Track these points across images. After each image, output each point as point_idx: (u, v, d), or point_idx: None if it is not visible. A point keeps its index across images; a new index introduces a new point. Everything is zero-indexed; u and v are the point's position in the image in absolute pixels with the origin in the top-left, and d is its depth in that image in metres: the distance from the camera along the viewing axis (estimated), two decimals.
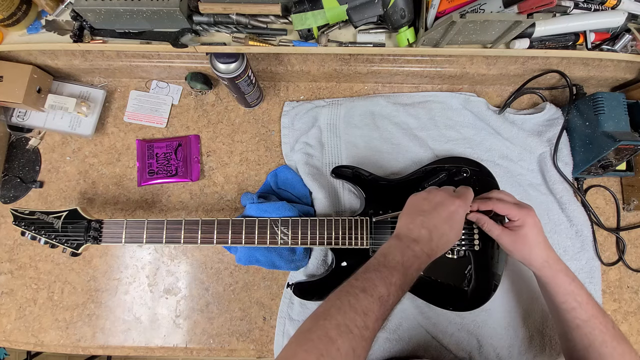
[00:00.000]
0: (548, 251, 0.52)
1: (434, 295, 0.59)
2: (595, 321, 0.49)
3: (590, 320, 0.49)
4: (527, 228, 0.52)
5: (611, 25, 0.60)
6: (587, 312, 0.49)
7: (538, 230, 0.52)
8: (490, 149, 0.70)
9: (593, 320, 0.49)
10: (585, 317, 0.49)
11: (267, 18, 0.57)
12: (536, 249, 0.52)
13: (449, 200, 0.49)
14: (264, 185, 0.69)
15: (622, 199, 0.72)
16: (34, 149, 0.72)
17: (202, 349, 0.66)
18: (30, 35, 0.62)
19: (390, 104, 0.70)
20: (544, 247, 0.52)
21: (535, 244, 0.52)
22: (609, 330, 0.48)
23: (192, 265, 0.68)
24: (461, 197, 0.50)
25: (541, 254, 0.52)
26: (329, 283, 0.60)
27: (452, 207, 0.48)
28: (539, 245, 0.52)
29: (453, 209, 0.48)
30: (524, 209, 0.52)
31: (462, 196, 0.50)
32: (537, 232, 0.52)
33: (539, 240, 0.52)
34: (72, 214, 0.58)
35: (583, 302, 0.50)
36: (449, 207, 0.48)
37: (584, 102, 0.66)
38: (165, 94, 0.73)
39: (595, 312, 0.49)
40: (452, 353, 0.63)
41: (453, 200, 0.49)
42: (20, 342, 0.67)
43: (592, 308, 0.49)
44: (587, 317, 0.49)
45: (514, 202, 0.54)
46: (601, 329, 0.48)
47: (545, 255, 0.52)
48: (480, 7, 0.53)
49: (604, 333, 0.48)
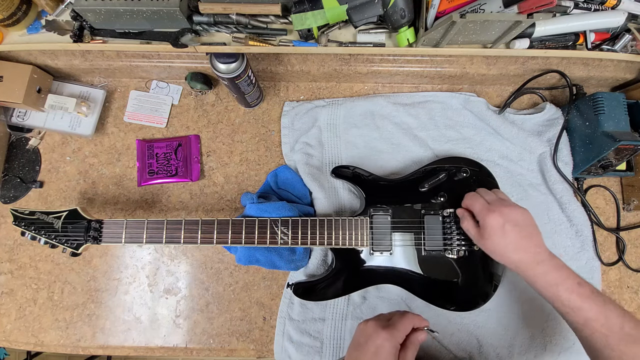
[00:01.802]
0: (519, 254, 0.50)
1: (434, 295, 0.59)
2: (594, 324, 0.45)
3: (588, 324, 0.46)
4: (490, 230, 0.50)
5: (611, 25, 0.60)
6: (580, 317, 0.46)
7: (505, 231, 0.50)
8: (490, 149, 0.70)
9: (591, 323, 0.45)
10: (581, 320, 0.46)
11: (267, 18, 0.57)
12: (506, 252, 0.50)
13: (376, 333, 0.47)
14: (264, 185, 0.69)
15: (622, 199, 0.72)
16: (34, 149, 0.72)
17: (202, 349, 0.66)
18: (30, 35, 0.62)
19: (390, 104, 0.70)
20: (515, 249, 0.50)
21: (503, 247, 0.50)
22: (614, 333, 0.44)
23: (192, 265, 0.68)
24: (388, 329, 0.47)
25: (511, 257, 0.50)
26: (329, 283, 0.60)
27: (378, 341, 0.46)
28: (507, 247, 0.50)
29: (379, 342, 0.46)
30: (489, 208, 0.51)
31: (390, 327, 0.47)
32: (504, 233, 0.50)
33: (507, 242, 0.50)
34: (72, 214, 0.58)
35: (575, 307, 0.46)
36: (375, 341, 0.47)
37: (584, 102, 0.66)
38: (165, 94, 0.73)
39: (592, 314, 0.45)
40: (452, 353, 0.63)
41: (379, 334, 0.47)
42: (20, 342, 0.67)
43: (587, 312, 0.46)
44: (583, 321, 0.46)
45: (489, 199, 0.53)
46: (603, 332, 0.44)
47: (516, 259, 0.50)
48: (480, 7, 0.53)
49: (607, 336, 0.44)
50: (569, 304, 0.47)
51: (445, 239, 0.59)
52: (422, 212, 0.60)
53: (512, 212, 0.51)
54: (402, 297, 0.65)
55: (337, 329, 0.64)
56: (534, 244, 0.50)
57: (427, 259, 0.59)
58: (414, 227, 0.60)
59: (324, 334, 0.64)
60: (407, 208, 0.61)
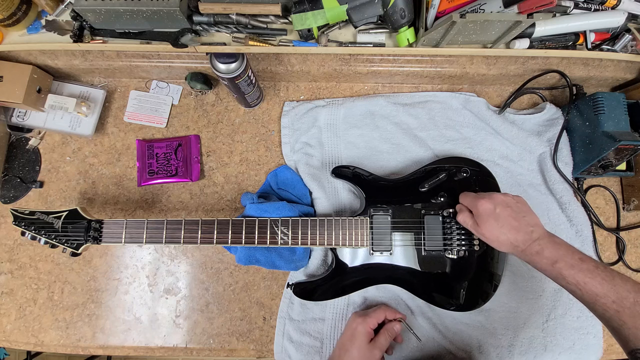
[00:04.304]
0: (516, 233, 0.49)
1: (434, 295, 0.59)
2: (604, 301, 0.42)
3: (598, 301, 0.43)
4: (483, 216, 0.51)
5: (611, 25, 0.60)
6: (588, 294, 0.43)
7: (497, 215, 0.50)
8: (490, 149, 0.70)
9: (601, 300, 0.42)
10: (590, 298, 0.43)
11: (267, 18, 0.57)
12: (500, 235, 0.50)
13: (353, 320, 0.58)
14: (264, 185, 0.69)
15: (622, 199, 0.72)
16: (34, 149, 0.72)
17: (202, 349, 0.66)
18: (30, 35, 0.62)
19: (390, 104, 0.70)
20: (509, 230, 0.50)
21: (497, 229, 0.50)
22: (626, 309, 0.41)
23: (192, 265, 0.68)
24: (363, 317, 0.58)
25: (507, 239, 0.50)
26: (329, 283, 0.60)
27: (354, 325, 0.57)
28: (501, 229, 0.50)
29: (354, 326, 0.57)
30: (480, 196, 0.53)
31: (365, 315, 0.58)
32: (496, 217, 0.50)
33: (502, 224, 0.50)
34: (72, 214, 0.58)
35: (579, 283, 0.44)
36: (351, 326, 0.58)
37: (584, 102, 0.66)
38: (165, 94, 0.73)
39: (600, 290, 0.43)
40: (452, 353, 0.63)
41: (355, 320, 0.58)
42: (20, 342, 0.67)
43: (593, 287, 0.43)
44: (593, 299, 0.43)
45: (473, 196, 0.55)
46: (614, 308, 0.41)
47: (512, 239, 0.49)
48: (480, 7, 0.53)
49: (619, 313, 0.41)
50: (572, 281, 0.45)
51: (445, 239, 0.59)
52: (422, 212, 0.60)
53: (503, 197, 0.52)
54: (402, 297, 0.65)
55: (337, 329, 0.64)
56: (528, 223, 0.50)
57: (427, 259, 0.59)
58: (414, 227, 0.60)
59: (324, 334, 0.64)
60: (407, 208, 0.61)
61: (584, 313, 0.64)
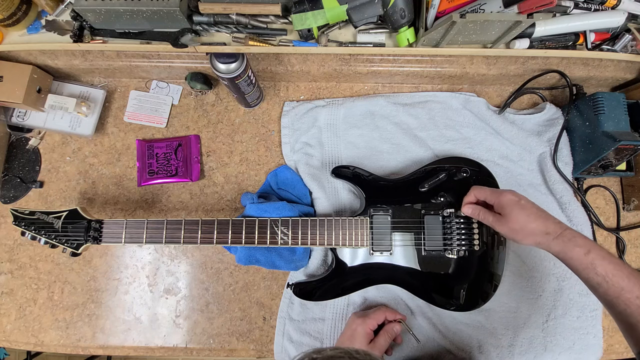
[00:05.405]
0: (545, 221, 0.48)
1: (434, 295, 0.59)
2: (629, 296, 0.41)
3: (622, 295, 0.42)
4: (508, 207, 0.50)
5: (611, 25, 0.60)
6: (614, 286, 0.42)
7: (523, 205, 0.50)
8: (490, 149, 0.70)
9: (625, 295, 0.41)
10: (614, 292, 0.42)
11: (267, 18, 0.57)
12: (529, 223, 0.49)
13: (353, 321, 0.59)
14: (264, 185, 0.69)
15: (622, 199, 0.72)
16: (34, 149, 0.72)
17: (202, 349, 0.66)
18: (30, 35, 0.62)
19: (390, 104, 0.70)
20: (537, 218, 0.49)
21: (525, 218, 0.49)
22: None
23: (192, 265, 0.68)
24: (363, 318, 0.58)
25: (537, 226, 0.48)
26: (329, 283, 0.60)
27: (353, 326, 0.58)
28: (529, 217, 0.49)
29: (354, 327, 0.58)
30: (500, 190, 0.53)
31: (365, 317, 0.58)
32: (522, 206, 0.50)
33: (529, 213, 0.49)
34: (72, 214, 0.58)
35: (608, 275, 0.43)
36: (351, 326, 0.58)
37: (584, 102, 0.66)
38: (165, 94, 0.73)
39: (625, 284, 0.42)
40: (452, 353, 0.63)
41: (355, 321, 0.58)
42: (20, 342, 0.67)
43: (620, 280, 0.42)
44: (617, 293, 0.42)
45: (490, 189, 0.55)
46: (637, 304, 0.41)
47: (542, 226, 0.48)
48: (480, 7, 0.53)
49: None
50: (602, 271, 0.44)
51: (445, 239, 0.59)
52: (422, 212, 0.60)
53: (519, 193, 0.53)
54: (402, 297, 0.65)
55: (337, 329, 0.64)
56: (552, 215, 0.50)
57: (427, 258, 0.59)
58: (414, 227, 0.60)
59: (324, 334, 0.64)
60: (407, 208, 0.61)
61: (584, 313, 0.64)
